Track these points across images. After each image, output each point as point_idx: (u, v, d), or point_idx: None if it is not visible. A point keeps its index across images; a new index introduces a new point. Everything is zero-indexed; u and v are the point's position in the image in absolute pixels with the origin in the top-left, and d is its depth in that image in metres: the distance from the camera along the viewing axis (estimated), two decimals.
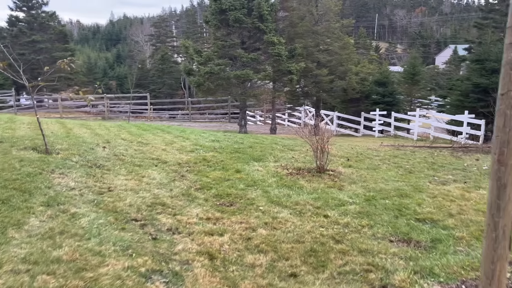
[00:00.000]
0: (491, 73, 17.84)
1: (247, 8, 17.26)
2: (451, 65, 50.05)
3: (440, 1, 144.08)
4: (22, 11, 36.87)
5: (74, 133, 7.25)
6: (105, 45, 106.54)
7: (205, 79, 17.72)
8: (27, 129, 7.29)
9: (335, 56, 19.53)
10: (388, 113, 21.12)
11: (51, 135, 6.69)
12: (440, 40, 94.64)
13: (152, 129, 9.66)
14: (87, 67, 60.25)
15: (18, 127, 7.49)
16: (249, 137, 9.37)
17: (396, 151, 8.97)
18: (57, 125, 8.28)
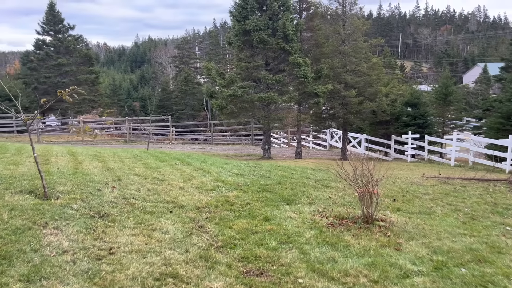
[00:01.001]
0: None
1: (272, 28, 16.61)
2: (482, 84, 48.29)
3: (466, 19, 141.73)
4: (49, 35, 37.52)
5: (82, 169, 6.51)
6: (130, 67, 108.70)
7: (228, 102, 17.03)
8: (32, 164, 6.61)
9: (363, 77, 18.60)
10: (421, 136, 19.91)
11: (56, 172, 5.95)
12: (468, 59, 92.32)
13: (171, 159, 8.87)
14: (112, 89, 61.12)
15: (23, 162, 6.82)
16: (276, 169, 8.45)
17: (443, 185, 7.89)
18: (67, 158, 7.59)
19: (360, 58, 18.80)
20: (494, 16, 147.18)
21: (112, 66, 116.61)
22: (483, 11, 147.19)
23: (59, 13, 37.37)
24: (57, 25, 37.25)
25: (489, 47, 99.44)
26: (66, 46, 37.31)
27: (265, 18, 16.51)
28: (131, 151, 9.94)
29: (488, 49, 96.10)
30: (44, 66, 36.71)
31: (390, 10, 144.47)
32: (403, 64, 78.37)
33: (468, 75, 74.88)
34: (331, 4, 18.61)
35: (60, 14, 37.49)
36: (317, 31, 18.34)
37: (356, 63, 18.68)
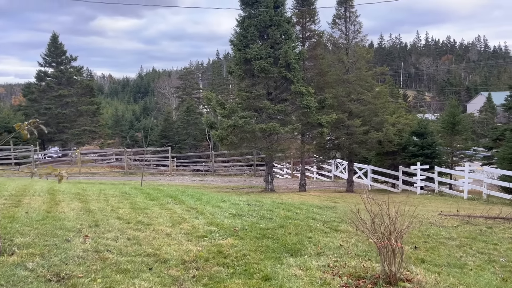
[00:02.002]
0: None
1: (273, 57, 16.12)
2: (487, 113, 47.74)
3: (467, 49, 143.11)
4: (51, 66, 37.55)
5: (56, 212, 5.71)
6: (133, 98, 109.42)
7: (229, 133, 16.37)
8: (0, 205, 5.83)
9: (368, 106, 17.98)
10: (430, 167, 19.09)
11: (22, 218, 5.15)
12: (470, 87, 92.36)
13: (163, 196, 8.07)
14: (114, 119, 60.96)
15: None
16: (279, 207, 7.62)
17: (467, 226, 7.02)
18: (44, 198, 6.80)
19: (364, 87, 18.27)
20: (494, 46, 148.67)
21: (116, 97, 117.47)
22: (483, 41, 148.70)
23: (61, 45, 37.52)
24: (59, 57, 37.32)
25: (491, 76, 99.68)
26: (67, 77, 37.24)
27: (267, 46, 16.06)
28: (121, 188, 9.16)
29: (491, 78, 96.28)
30: (45, 97, 36.53)
31: (391, 41, 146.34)
32: (406, 93, 78.32)
33: (472, 103, 74.59)
34: (334, 32, 18.25)
35: (63, 46, 37.63)
36: (320, 59, 17.89)
37: (361, 91, 18.12)
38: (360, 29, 18.01)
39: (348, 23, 17.88)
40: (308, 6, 17.49)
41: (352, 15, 17.81)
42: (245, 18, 16.34)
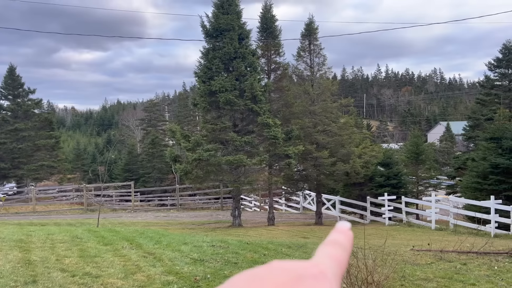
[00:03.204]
0: (509, 152, 16.20)
1: (239, 89, 15.91)
2: (447, 142, 49.35)
3: (424, 80, 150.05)
4: (7, 99, 35.96)
5: None
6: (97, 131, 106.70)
7: (193, 166, 15.82)
8: None
9: (334, 137, 17.98)
10: (397, 197, 19.13)
11: None
12: (430, 117, 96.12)
13: (119, 240, 7.37)
14: (76, 153, 58.74)
15: None
16: (246, 248, 7.09)
17: (441, 263, 6.73)
18: None
19: (330, 118, 18.32)
20: (450, 78, 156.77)
21: (79, 129, 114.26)
22: (439, 74, 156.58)
23: (19, 77, 36.15)
24: (16, 89, 35.85)
25: (449, 107, 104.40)
26: (24, 110, 35.70)
27: (232, 79, 15.85)
28: (73, 231, 8.37)
29: (448, 109, 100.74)
30: (0, 131, 34.73)
31: (354, 73, 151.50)
32: (370, 123, 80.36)
33: (432, 133, 77.28)
34: (299, 65, 18.36)
35: (20, 78, 36.26)
36: (286, 91, 17.87)
37: (327, 123, 18.14)
38: (324, 61, 18.22)
39: (312, 55, 18.05)
40: (273, 39, 17.57)
41: (317, 48, 18.01)
42: (210, 50, 16.17)
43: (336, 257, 0.40)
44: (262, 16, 17.56)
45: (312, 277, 0.36)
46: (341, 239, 0.42)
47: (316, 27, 18.03)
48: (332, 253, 0.40)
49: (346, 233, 0.42)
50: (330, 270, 0.38)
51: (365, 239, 3.98)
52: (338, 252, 0.40)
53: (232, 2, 16.12)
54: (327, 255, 0.39)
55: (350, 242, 0.42)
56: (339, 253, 0.40)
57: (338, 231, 0.43)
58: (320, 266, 0.38)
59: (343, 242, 0.41)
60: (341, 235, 0.42)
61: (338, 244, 0.41)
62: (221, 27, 15.75)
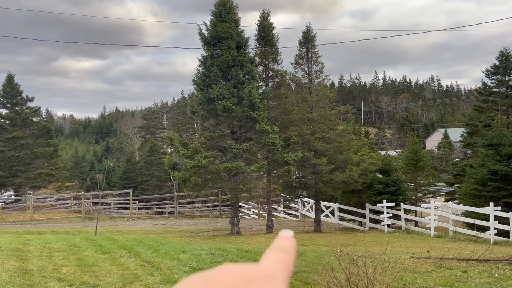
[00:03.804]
0: (507, 158, 16.23)
1: (237, 97, 15.93)
2: (445, 149, 49.47)
3: (422, 88, 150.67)
4: (5, 107, 35.92)
5: None
6: (95, 139, 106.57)
7: (192, 174, 15.80)
8: None
9: (333, 144, 17.98)
10: (396, 204, 19.10)
11: None
12: (427, 124, 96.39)
13: (116, 248, 7.32)
14: (74, 161, 58.60)
15: None
16: (244, 257, 7.04)
17: (441, 271, 6.69)
18: None
19: (328, 125, 18.34)
20: (447, 85, 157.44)
21: (77, 137, 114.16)
22: (436, 81, 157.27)
23: (17, 85, 36.15)
24: (14, 98, 35.83)
25: (446, 114, 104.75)
26: (23, 119, 35.65)
27: (230, 86, 15.88)
28: (70, 239, 8.31)
29: (446, 115, 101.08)
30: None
31: (351, 80, 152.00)
32: (368, 130, 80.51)
33: (430, 140, 77.46)
34: (297, 72, 18.41)
35: (19, 87, 36.26)
36: (284, 99, 17.91)
37: (325, 130, 18.16)
38: (322, 68, 18.27)
39: (310, 63, 18.11)
40: (271, 46, 17.64)
41: (314, 55, 18.08)
42: (208, 58, 16.22)
43: (283, 260, 0.41)
44: (260, 24, 17.64)
45: (261, 278, 0.37)
46: (286, 245, 0.43)
47: (313, 35, 18.12)
48: (279, 257, 0.41)
49: (290, 240, 0.44)
50: (279, 272, 0.39)
51: (365, 247, 3.95)
52: (284, 256, 0.42)
53: (230, 10, 16.20)
54: (275, 259, 0.41)
55: (294, 248, 0.44)
56: (286, 257, 0.42)
57: (282, 238, 0.44)
58: (269, 268, 0.39)
59: (288, 247, 0.43)
60: (285, 241, 0.44)
61: (283, 249, 0.43)
62: (219, 35, 15.81)
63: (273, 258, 0.41)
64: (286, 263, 0.41)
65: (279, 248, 0.43)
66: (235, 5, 16.47)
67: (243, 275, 0.37)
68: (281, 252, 0.42)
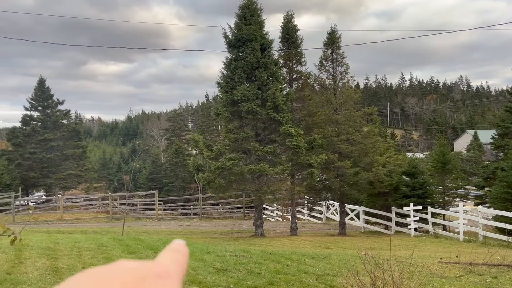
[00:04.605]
0: None
1: (261, 98, 15.98)
2: (475, 151, 48.10)
3: (450, 88, 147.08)
4: (37, 110, 37.13)
5: (18, 273, 5.09)
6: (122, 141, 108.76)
7: (216, 175, 15.92)
8: None
9: (358, 146, 17.77)
10: (423, 207, 18.70)
11: None
12: (456, 126, 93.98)
13: (143, 248, 7.46)
14: (102, 163, 60.06)
15: None
16: (268, 259, 7.05)
17: (470, 276, 6.51)
18: (9, 255, 6.16)
19: (353, 127, 18.15)
20: (477, 86, 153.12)
21: (105, 139, 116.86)
22: (466, 81, 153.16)
23: (48, 89, 37.33)
24: (45, 101, 37.01)
25: (476, 115, 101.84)
26: (53, 121, 36.78)
27: (254, 88, 15.94)
28: (99, 239, 8.52)
29: (475, 117, 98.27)
30: (30, 141, 35.84)
31: (377, 81, 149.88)
32: (394, 132, 79.15)
33: (459, 142, 75.51)
34: (321, 74, 18.29)
35: (50, 90, 37.43)
36: (308, 100, 17.82)
37: (350, 132, 17.97)
38: (347, 70, 18.10)
39: (335, 64, 17.97)
40: (295, 48, 17.60)
41: (339, 57, 17.93)
42: (232, 60, 16.33)
43: (178, 260, 0.42)
44: (284, 26, 17.63)
45: (157, 276, 0.37)
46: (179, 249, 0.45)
47: (338, 36, 17.97)
48: (174, 257, 0.43)
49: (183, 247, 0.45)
50: (174, 270, 0.40)
51: (391, 250, 3.90)
52: (179, 256, 0.43)
53: (254, 13, 16.27)
54: (170, 258, 0.42)
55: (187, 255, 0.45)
56: (180, 257, 0.43)
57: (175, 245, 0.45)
58: (165, 266, 0.40)
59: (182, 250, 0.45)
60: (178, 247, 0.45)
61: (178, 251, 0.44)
62: (243, 37, 15.90)
63: (168, 257, 0.42)
64: (181, 263, 0.42)
65: (174, 250, 0.44)
66: (259, 8, 16.54)
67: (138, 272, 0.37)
68: (175, 253, 0.43)
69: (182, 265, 0.42)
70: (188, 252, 0.44)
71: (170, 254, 0.43)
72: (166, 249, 0.44)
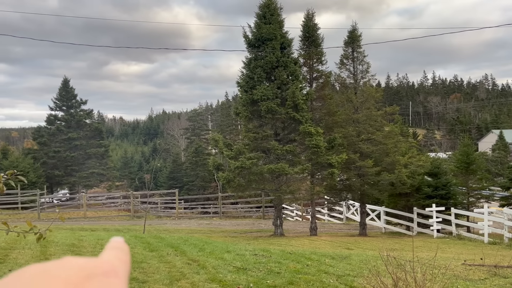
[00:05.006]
0: None
1: (281, 98, 15.94)
2: (500, 151, 46.89)
3: (475, 87, 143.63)
4: (61, 110, 38.01)
5: None
6: (143, 140, 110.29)
7: (236, 175, 15.96)
8: None
9: (379, 146, 17.54)
10: (446, 208, 18.33)
11: None
12: (481, 126, 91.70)
13: (164, 246, 7.54)
14: (123, 162, 61.01)
15: None
16: (288, 258, 7.03)
17: (495, 279, 6.35)
18: (34, 251, 6.32)
19: (374, 126, 17.92)
20: (502, 84, 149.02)
21: (126, 139, 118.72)
22: (491, 80, 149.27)
23: (72, 89, 38.17)
24: (69, 101, 37.86)
25: (501, 114, 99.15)
26: (77, 121, 37.58)
27: (273, 87, 15.92)
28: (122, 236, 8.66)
29: (501, 116, 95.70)
30: (55, 140, 36.73)
31: (398, 80, 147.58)
32: (416, 132, 77.82)
33: (483, 142, 73.71)
34: (342, 72, 18.14)
35: (73, 90, 38.27)
36: (328, 100, 17.68)
37: (371, 131, 17.75)
38: (368, 68, 17.89)
39: (356, 63, 17.79)
40: (315, 47, 17.49)
41: (360, 55, 17.74)
42: (252, 60, 16.34)
43: (122, 258, 0.42)
44: (305, 24, 17.54)
45: (103, 274, 0.37)
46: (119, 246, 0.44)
47: (359, 34, 17.79)
48: (117, 255, 0.42)
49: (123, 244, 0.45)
50: (121, 268, 0.40)
51: (413, 252, 3.84)
52: (122, 254, 0.43)
53: (274, 12, 16.25)
54: (114, 256, 0.42)
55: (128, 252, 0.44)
56: (123, 255, 0.43)
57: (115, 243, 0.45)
58: (111, 264, 0.39)
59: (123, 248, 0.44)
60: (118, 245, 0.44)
61: (120, 249, 0.44)
62: (263, 36, 15.90)
63: (113, 256, 0.42)
64: (125, 261, 0.42)
65: (115, 248, 0.43)
66: (279, 7, 16.51)
67: (84, 270, 0.36)
68: (118, 251, 0.43)
69: (126, 262, 0.42)
70: (129, 250, 0.44)
71: (113, 252, 0.42)
72: (107, 247, 0.43)
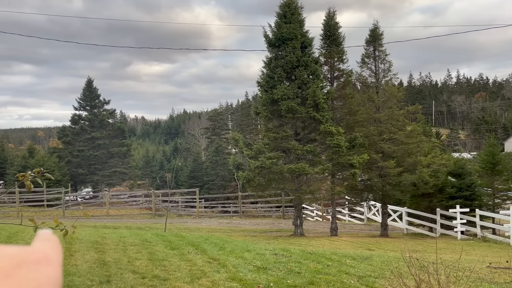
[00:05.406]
0: None
1: (301, 97, 15.87)
2: None
3: (501, 85, 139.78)
4: (85, 110, 38.85)
5: (68, 265, 5.36)
6: (164, 139, 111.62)
7: (256, 174, 15.98)
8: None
9: (401, 146, 17.27)
10: (471, 210, 17.91)
11: None
12: (507, 125, 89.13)
13: (184, 245, 7.62)
14: (145, 161, 61.87)
15: None
16: (308, 258, 7.00)
17: None
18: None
19: (396, 126, 17.65)
20: None
21: (148, 138, 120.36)
22: None
23: (95, 89, 38.96)
24: (93, 101, 38.66)
25: None
26: (100, 120, 38.34)
27: (294, 87, 15.87)
28: (143, 234, 8.79)
29: None
30: (79, 139, 37.57)
31: (421, 79, 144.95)
32: (439, 131, 76.30)
33: (510, 142, 71.68)
34: (363, 71, 17.92)
35: (97, 90, 39.06)
36: (349, 99, 17.50)
37: (393, 131, 17.49)
38: (390, 67, 17.64)
39: (377, 62, 17.56)
40: (336, 46, 17.35)
41: (382, 54, 17.51)
42: (272, 59, 16.32)
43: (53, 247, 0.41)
44: (326, 23, 17.41)
45: (35, 261, 0.36)
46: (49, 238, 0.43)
47: (381, 33, 17.55)
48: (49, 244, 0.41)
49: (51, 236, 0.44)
50: (53, 256, 0.39)
51: (436, 253, 3.76)
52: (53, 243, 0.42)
53: (295, 11, 16.19)
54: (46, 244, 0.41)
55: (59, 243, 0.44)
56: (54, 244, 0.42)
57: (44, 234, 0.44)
58: (43, 251, 0.38)
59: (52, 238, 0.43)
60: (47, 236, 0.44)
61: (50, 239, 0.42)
62: (283, 36, 15.86)
63: (45, 243, 0.41)
64: (57, 250, 0.41)
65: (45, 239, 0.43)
66: (300, 6, 16.44)
67: (14, 258, 0.35)
68: (49, 241, 0.42)
69: (58, 252, 0.41)
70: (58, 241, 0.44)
71: (43, 242, 0.42)
72: (36, 239, 0.43)
